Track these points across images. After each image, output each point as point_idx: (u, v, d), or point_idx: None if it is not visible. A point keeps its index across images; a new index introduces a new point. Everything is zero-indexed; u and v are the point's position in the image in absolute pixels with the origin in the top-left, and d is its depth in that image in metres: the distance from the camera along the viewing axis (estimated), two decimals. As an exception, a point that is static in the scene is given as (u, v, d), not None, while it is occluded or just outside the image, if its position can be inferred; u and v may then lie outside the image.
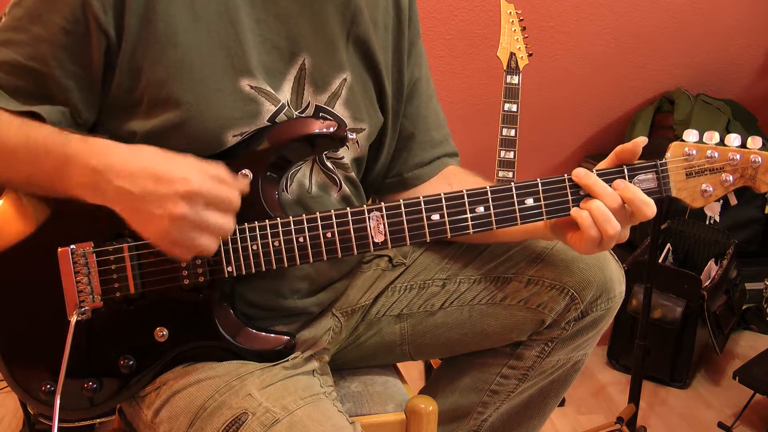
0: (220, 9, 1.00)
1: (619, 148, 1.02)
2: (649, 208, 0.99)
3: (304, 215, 1.01)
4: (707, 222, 2.67)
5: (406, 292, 1.26)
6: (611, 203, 0.98)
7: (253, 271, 1.02)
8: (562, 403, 2.28)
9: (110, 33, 0.95)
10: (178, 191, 0.90)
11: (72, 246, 1.01)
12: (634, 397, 2.04)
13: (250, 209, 1.01)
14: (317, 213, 1.01)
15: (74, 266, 1.02)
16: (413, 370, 2.36)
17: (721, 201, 2.60)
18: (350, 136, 1.10)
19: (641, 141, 1.01)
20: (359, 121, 1.13)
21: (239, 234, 1.01)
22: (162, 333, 1.03)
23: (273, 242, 1.01)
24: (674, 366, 2.39)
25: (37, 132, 0.95)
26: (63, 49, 0.96)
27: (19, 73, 0.97)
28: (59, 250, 1.01)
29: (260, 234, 1.01)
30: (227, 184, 0.95)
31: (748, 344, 2.66)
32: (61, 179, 0.95)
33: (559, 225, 1.06)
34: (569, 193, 1.02)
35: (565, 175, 1.02)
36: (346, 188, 1.15)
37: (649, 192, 1.01)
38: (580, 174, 1.01)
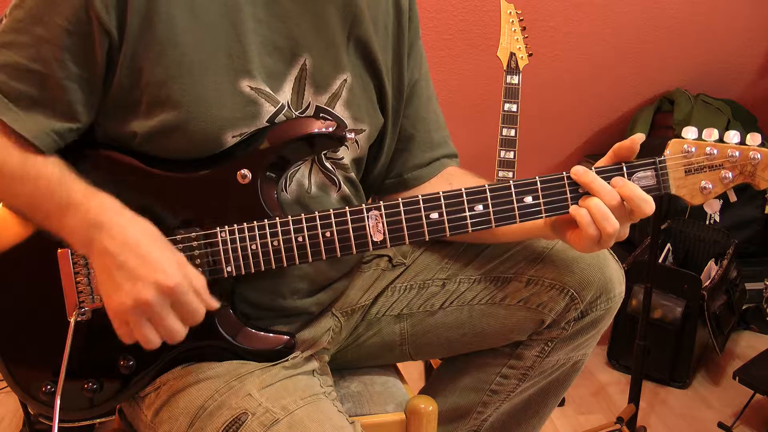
0: (221, 10, 1.00)
1: (617, 145, 1.02)
2: (647, 205, 0.99)
3: (303, 215, 1.01)
4: (707, 222, 2.67)
5: (406, 292, 1.26)
6: (610, 201, 0.98)
7: (253, 271, 1.02)
8: (562, 403, 2.28)
9: (112, 33, 0.95)
10: (155, 280, 0.90)
11: (72, 246, 1.01)
12: (634, 397, 2.04)
13: (249, 209, 1.01)
14: (316, 212, 1.01)
15: (74, 267, 1.02)
16: (413, 370, 2.36)
17: (721, 200, 2.60)
18: (349, 136, 1.10)
19: (638, 138, 1.01)
20: (359, 122, 1.13)
21: (238, 234, 1.01)
22: (162, 333, 1.03)
23: (272, 242, 1.01)
24: (674, 366, 2.38)
25: (38, 172, 0.96)
26: (65, 50, 0.96)
27: (21, 75, 0.96)
28: (59, 250, 1.02)
29: (259, 234, 1.01)
30: (200, 299, 0.95)
31: (748, 344, 2.66)
32: (57, 221, 0.96)
33: (559, 223, 1.06)
34: (568, 191, 1.02)
35: (564, 173, 1.02)
36: (345, 188, 1.15)
37: (648, 189, 1.01)
38: (579, 172, 1.01)
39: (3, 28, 0.98)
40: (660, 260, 2.55)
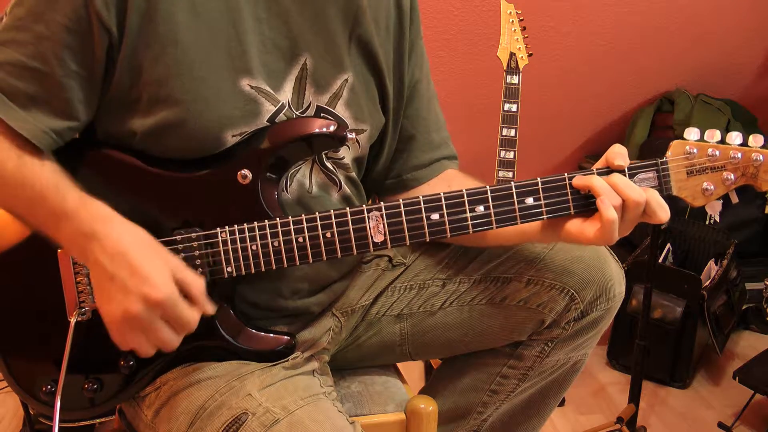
0: (221, 8, 1.00)
1: (609, 154, 1.02)
2: (663, 211, 1.00)
3: (303, 215, 1.01)
4: (707, 222, 2.66)
5: (406, 292, 1.26)
6: (637, 197, 0.98)
7: (253, 271, 1.02)
8: (562, 403, 2.27)
9: (112, 30, 0.95)
10: (142, 293, 0.90)
11: (72, 246, 1.01)
12: (634, 397, 2.04)
13: (249, 210, 1.01)
14: (316, 213, 1.01)
15: (74, 267, 1.02)
16: (413, 370, 2.36)
17: (722, 200, 2.61)
18: (350, 136, 1.10)
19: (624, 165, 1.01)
20: (361, 122, 1.13)
21: (239, 234, 1.01)
22: (162, 333, 1.03)
23: (273, 242, 1.01)
24: (674, 366, 2.39)
25: (34, 179, 0.95)
26: (65, 47, 0.95)
27: (20, 73, 0.96)
28: (59, 251, 1.02)
29: (260, 234, 1.01)
30: (193, 305, 0.95)
31: (748, 344, 2.66)
32: (53, 230, 0.96)
33: (560, 224, 1.05)
34: (569, 193, 1.02)
35: (565, 174, 1.02)
36: (346, 188, 1.15)
37: (649, 191, 1.01)
38: (584, 179, 1.00)
39: (3, 26, 0.97)
40: (660, 260, 2.55)
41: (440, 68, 2.66)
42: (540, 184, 1.01)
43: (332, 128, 1.04)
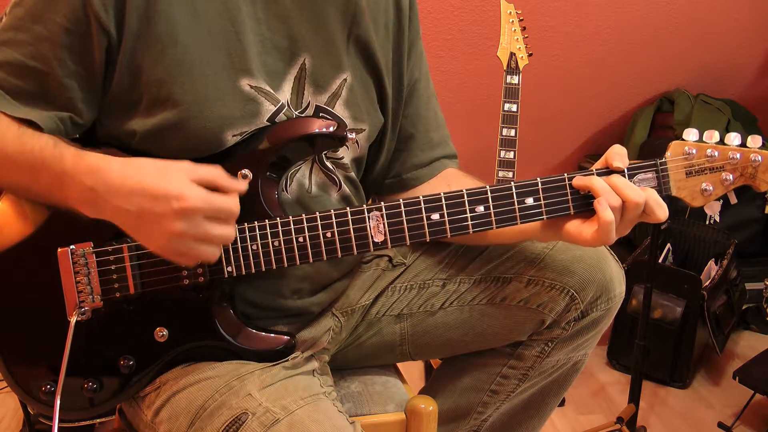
0: (221, 8, 1.01)
1: (608, 154, 1.02)
2: (661, 210, 0.99)
3: (303, 215, 1.01)
4: (707, 222, 2.67)
5: (406, 292, 1.26)
6: (636, 198, 0.98)
7: (253, 271, 1.02)
8: (562, 403, 2.28)
9: (111, 32, 0.95)
10: (174, 209, 0.90)
11: (72, 246, 1.01)
12: (634, 397, 2.04)
13: (249, 209, 1.01)
14: (317, 213, 1.01)
15: (74, 266, 1.02)
16: (413, 370, 2.36)
17: (721, 200, 2.61)
18: (350, 136, 1.10)
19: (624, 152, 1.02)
20: (359, 122, 1.13)
21: (239, 234, 1.01)
22: (162, 333, 1.03)
23: (273, 242, 1.01)
24: (674, 366, 2.38)
25: (33, 143, 0.95)
26: (64, 48, 0.96)
27: (20, 73, 0.96)
28: (59, 250, 1.01)
29: (260, 234, 1.01)
30: (225, 192, 0.95)
31: (748, 344, 2.66)
32: (59, 192, 0.96)
33: (559, 224, 1.05)
34: (569, 193, 1.02)
35: (565, 174, 1.02)
36: (345, 188, 1.15)
37: (648, 191, 1.01)
38: (584, 179, 1.00)
39: (3, 26, 0.98)
40: (660, 260, 2.55)
41: (440, 68, 2.66)
42: (540, 184, 1.02)
43: (332, 128, 1.04)
